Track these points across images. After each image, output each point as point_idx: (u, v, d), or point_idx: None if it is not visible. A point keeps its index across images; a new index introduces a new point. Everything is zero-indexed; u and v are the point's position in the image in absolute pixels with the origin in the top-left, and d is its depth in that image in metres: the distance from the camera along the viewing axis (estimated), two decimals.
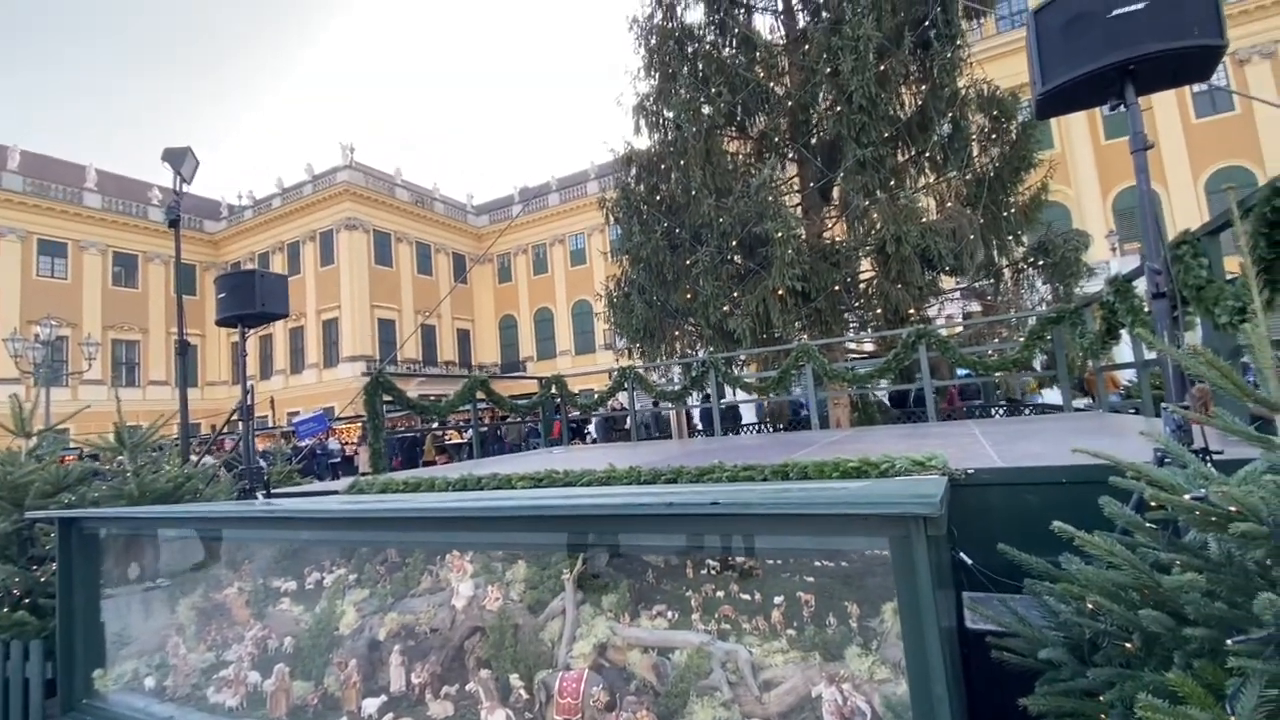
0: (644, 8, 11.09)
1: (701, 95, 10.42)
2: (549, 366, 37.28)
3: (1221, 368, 1.42)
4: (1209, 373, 1.44)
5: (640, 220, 10.20)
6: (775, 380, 7.37)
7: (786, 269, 7.83)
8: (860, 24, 8.35)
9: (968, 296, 11.12)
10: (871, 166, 8.33)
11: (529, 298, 39.47)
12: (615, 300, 10.99)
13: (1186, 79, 2.34)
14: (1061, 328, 6.12)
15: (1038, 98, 2.46)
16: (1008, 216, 9.30)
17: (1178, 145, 24.02)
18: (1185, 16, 2.14)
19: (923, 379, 6.60)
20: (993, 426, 5.28)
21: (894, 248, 7.72)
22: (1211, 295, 3.03)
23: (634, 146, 11.12)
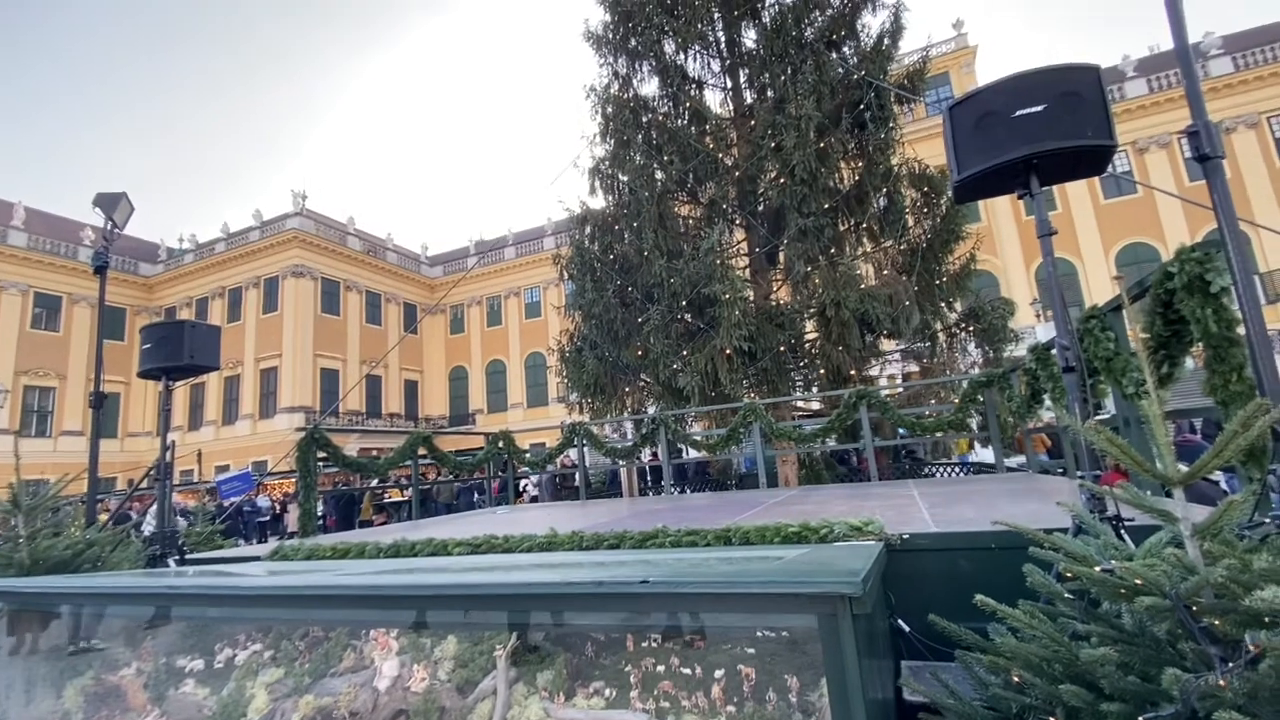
0: (601, 78, 11.62)
1: (655, 162, 10.86)
2: (500, 419, 36.56)
3: (1118, 444, 1.52)
4: (1108, 448, 1.54)
5: (594, 278, 10.35)
6: (724, 438, 7.43)
7: (734, 329, 8.04)
8: (802, 104, 8.95)
9: (906, 358, 11.63)
10: (813, 235, 8.77)
11: (482, 349, 39.03)
12: (567, 355, 11.00)
13: (1084, 173, 2.59)
14: (992, 390, 6.45)
15: (954, 184, 2.67)
16: (940, 284, 9.87)
17: (1090, 223, 26.31)
18: (1080, 119, 2.38)
19: (865, 439, 6.77)
20: (930, 487, 5.43)
21: (834, 312, 8.06)
22: (1119, 367, 3.26)
23: (589, 207, 11.42)
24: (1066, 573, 1.54)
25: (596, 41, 11.58)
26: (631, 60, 11.49)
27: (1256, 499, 2.07)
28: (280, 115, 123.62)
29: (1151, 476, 1.50)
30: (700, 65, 11.60)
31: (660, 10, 10.74)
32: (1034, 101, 2.38)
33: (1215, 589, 1.30)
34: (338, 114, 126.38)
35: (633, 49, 11.35)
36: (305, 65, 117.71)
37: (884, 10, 10.18)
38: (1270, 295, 23.60)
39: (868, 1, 10.36)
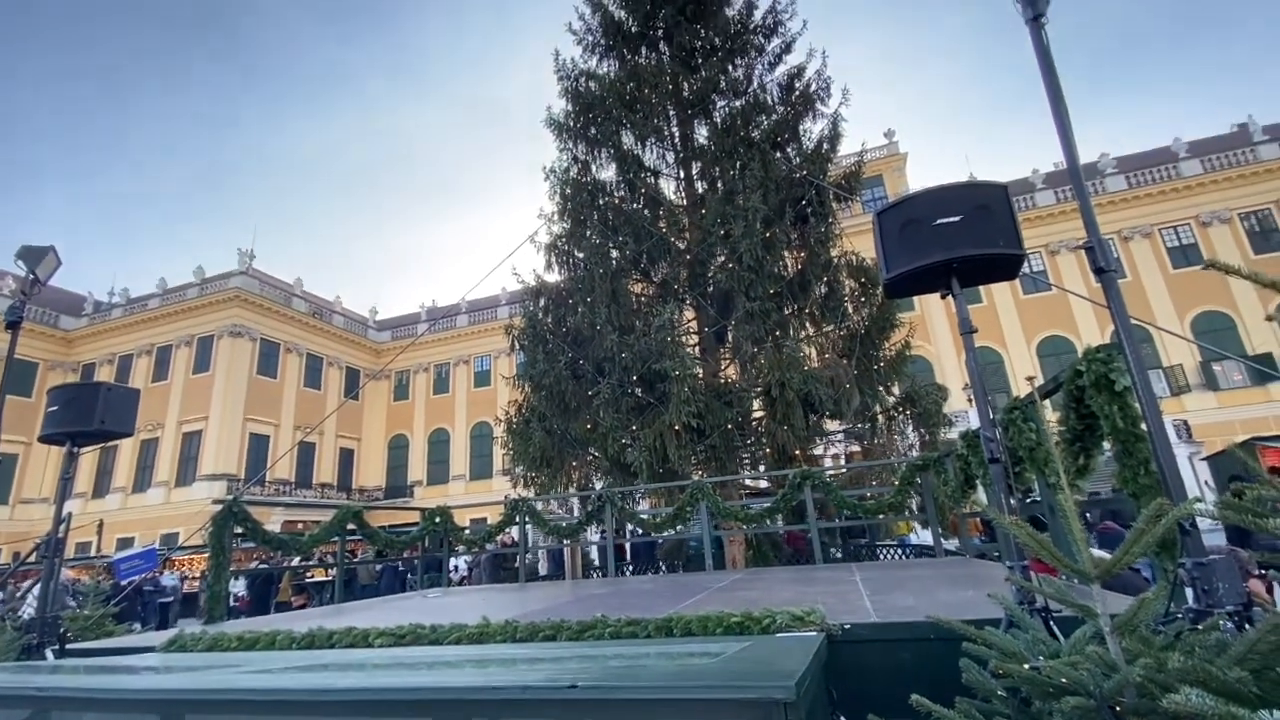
0: (561, 162, 12.11)
1: (610, 241, 11.23)
2: (440, 492, 35.04)
3: (1038, 539, 1.58)
4: (1028, 542, 1.59)
5: (546, 349, 10.36)
6: (671, 517, 7.32)
7: (683, 405, 8.12)
8: (749, 197, 9.54)
9: (849, 438, 11.93)
10: (759, 318, 9.11)
11: (426, 417, 37.86)
12: (515, 426, 10.79)
13: (999, 277, 2.82)
14: (929, 474, 6.65)
15: (884, 282, 2.86)
16: (878, 369, 10.33)
17: (1012, 316, 28.35)
18: (992, 230, 2.62)
19: (809, 521, 6.80)
20: (872, 571, 5.45)
21: (779, 392, 8.27)
22: (1041, 457, 3.43)
23: (545, 280, 11.60)
24: (999, 670, 1.54)
25: (558, 128, 12.15)
26: (591, 147, 12.07)
27: (1170, 591, 2.16)
28: (235, 171, 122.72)
29: (1070, 572, 1.56)
30: (656, 156, 12.29)
31: (619, 105, 11.43)
32: (952, 212, 2.62)
33: (1136, 688, 1.33)
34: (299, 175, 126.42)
35: (592, 137, 11.95)
36: (266, 124, 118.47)
37: (823, 119, 11.15)
38: (1174, 387, 25.69)
39: (809, 110, 11.34)
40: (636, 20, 12.38)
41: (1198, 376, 25.66)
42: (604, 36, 12.63)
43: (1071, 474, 3.17)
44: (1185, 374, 25.74)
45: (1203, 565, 1.94)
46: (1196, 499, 1.72)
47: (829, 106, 11.14)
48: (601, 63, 12.69)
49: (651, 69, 11.81)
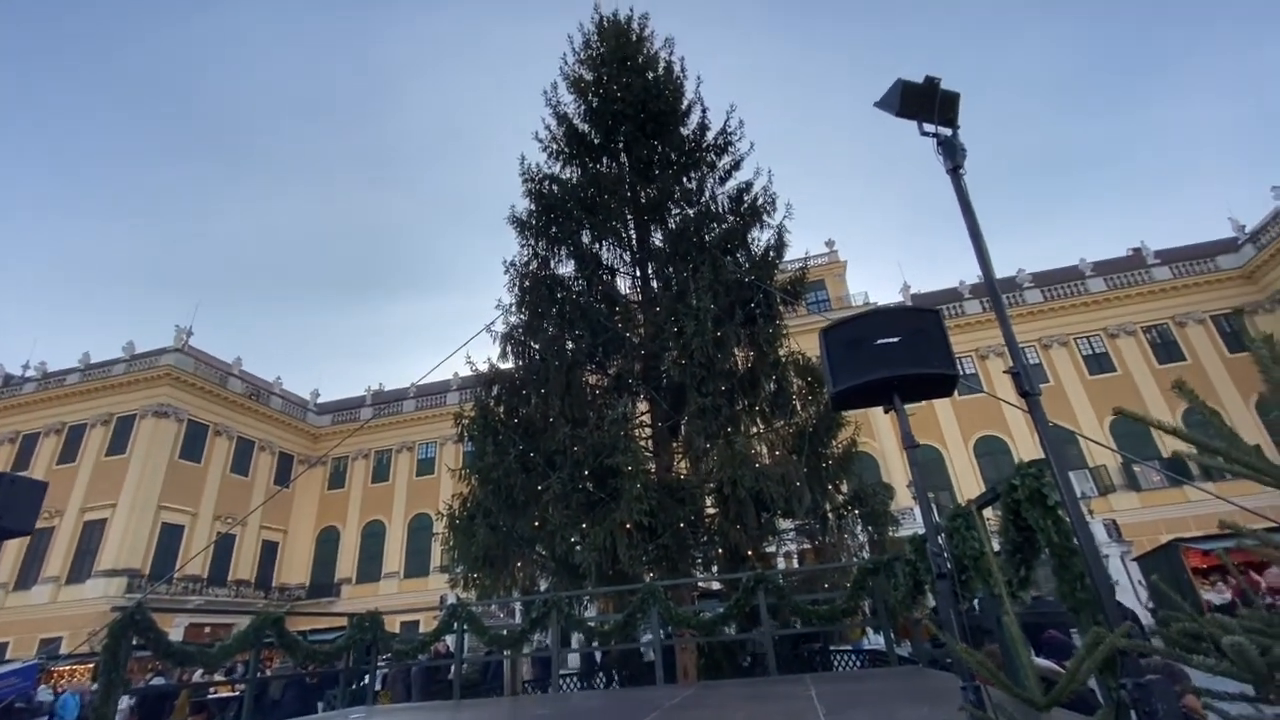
0: (522, 256, 12.46)
1: (566, 334, 11.39)
2: (370, 591, 32.57)
3: (988, 667, 1.59)
4: (978, 669, 1.61)
5: (496, 440, 10.13)
6: (620, 624, 6.97)
7: (635, 503, 7.97)
8: (701, 298, 9.96)
9: (801, 536, 11.87)
10: (710, 413, 9.25)
11: (361, 508, 35.74)
12: (458, 521, 10.29)
13: (935, 394, 3.00)
14: (879, 577, 6.63)
15: (831, 395, 2.99)
16: (826, 466, 10.50)
17: (950, 416, 29.66)
18: (927, 351, 2.82)
19: (764, 628, 6.59)
20: (828, 683, 5.27)
21: (730, 489, 8.26)
22: (985, 566, 3.50)
23: (499, 368, 11.54)
24: None
25: (520, 225, 12.59)
26: (551, 244, 12.50)
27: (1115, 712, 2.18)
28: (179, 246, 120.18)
29: (1018, 699, 1.57)
30: (613, 255, 12.81)
31: (580, 207, 12.01)
32: (891, 333, 2.82)
33: None
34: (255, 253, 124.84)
35: (553, 235, 12.41)
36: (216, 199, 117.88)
37: (769, 229, 11.97)
38: (1101, 487, 26.96)
39: (756, 220, 12.17)
40: (599, 133, 13.30)
41: (1121, 477, 27.08)
42: (567, 145, 13.46)
43: (1014, 585, 3.24)
44: (1110, 474, 27.14)
45: (1142, 686, 1.98)
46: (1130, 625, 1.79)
47: (774, 218, 12.00)
48: (564, 168, 13.43)
49: (611, 177, 12.55)
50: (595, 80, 13.64)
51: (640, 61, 13.56)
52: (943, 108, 2.88)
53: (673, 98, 13.20)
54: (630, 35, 14.12)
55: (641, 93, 12.73)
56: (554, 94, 13.84)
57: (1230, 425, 1.45)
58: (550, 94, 13.87)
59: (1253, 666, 1.12)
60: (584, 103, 13.65)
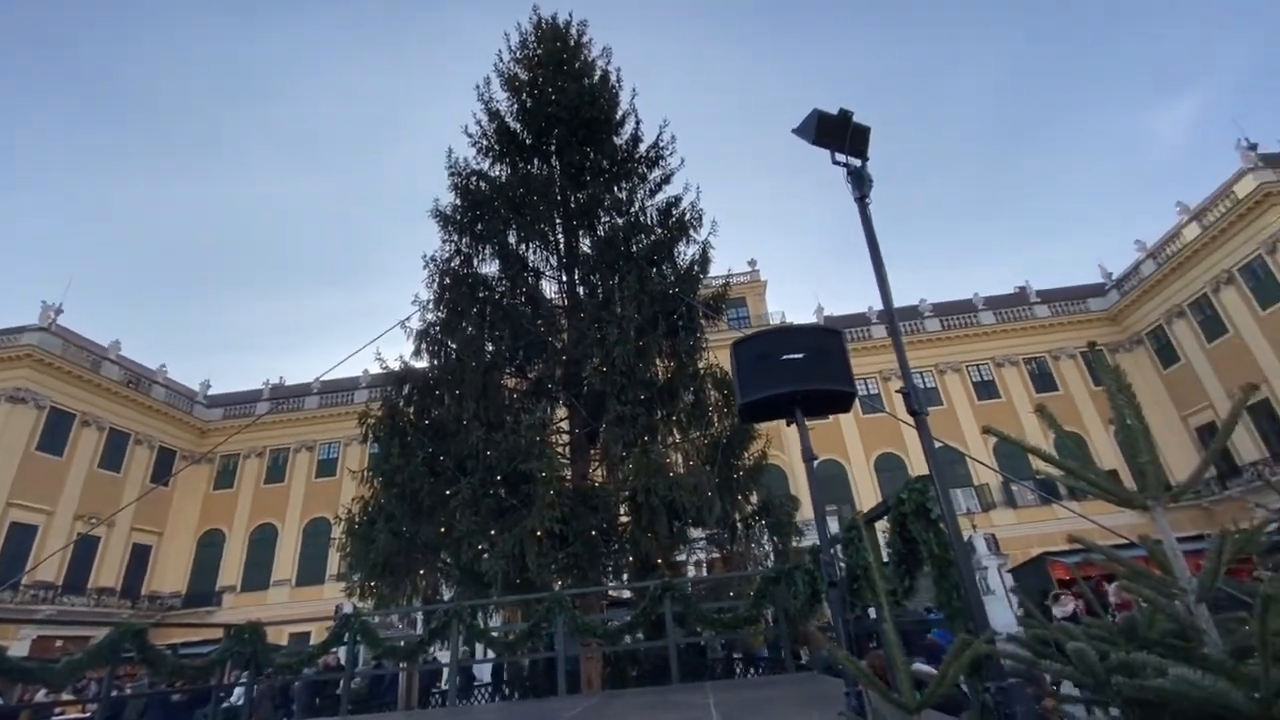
0: (444, 252, 12.06)
1: (486, 335, 11.12)
2: (256, 600, 30.23)
3: (863, 672, 1.66)
4: (856, 673, 1.68)
5: (403, 441, 9.69)
6: (524, 634, 6.81)
7: (547, 509, 7.85)
8: (625, 307, 10.02)
9: (711, 545, 12.11)
10: (628, 421, 9.29)
11: (251, 510, 33.13)
12: (357, 527, 9.75)
13: (835, 410, 3.14)
14: (780, 586, 6.86)
15: (738, 407, 3.07)
16: (737, 477, 10.79)
17: (854, 432, 31.30)
18: (829, 369, 2.95)
19: (669, 637, 6.64)
20: (727, 691, 5.37)
21: (644, 498, 8.31)
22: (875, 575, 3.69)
23: (412, 367, 11.07)
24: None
25: (444, 220, 12.20)
26: (476, 242, 12.19)
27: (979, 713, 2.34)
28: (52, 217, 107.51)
29: (893, 705, 1.65)
30: (540, 258, 12.66)
31: (508, 206, 11.79)
32: (797, 350, 2.92)
33: None
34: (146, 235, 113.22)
35: (478, 232, 12.11)
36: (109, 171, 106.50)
37: (695, 244, 12.24)
38: (984, 504, 29.28)
39: (683, 235, 12.41)
40: (531, 134, 13.14)
41: (1001, 494, 29.54)
42: (498, 142, 13.21)
43: (899, 593, 3.43)
44: (991, 492, 29.53)
45: (1003, 689, 2.14)
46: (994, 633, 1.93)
47: (700, 234, 12.29)
48: (494, 166, 13.17)
49: (542, 179, 12.43)
50: (530, 81, 13.50)
51: (577, 67, 13.55)
52: (854, 139, 3.04)
53: (607, 106, 13.26)
54: (568, 40, 14.09)
55: (576, 98, 12.71)
56: (487, 89, 13.58)
57: (1093, 450, 1.60)
58: (483, 89, 13.59)
59: (1092, 671, 1.23)
60: (517, 101, 13.47)
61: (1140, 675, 1.17)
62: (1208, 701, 1.02)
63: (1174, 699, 1.07)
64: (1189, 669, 1.01)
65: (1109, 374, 1.42)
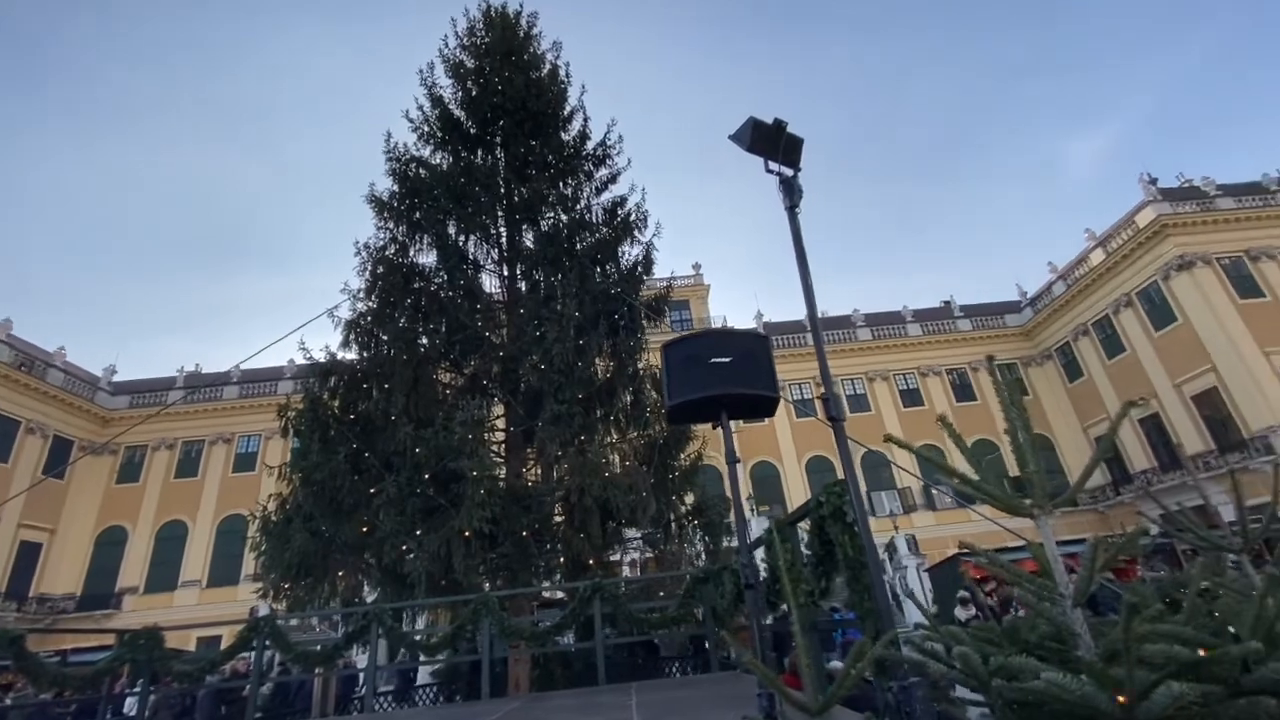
0: (378, 239, 11.57)
1: (420, 328, 10.75)
2: (162, 602, 28.28)
3: (768, 675, 1.68)
4: (760, 674, 1.69)
5: (325, 436, 9.23)
6: (447, 637, 6.61)
7: (477, 509, 7.65)
8: (566, 304, 9.90)
9: (645, 545, 12.15)
10: (565, 420, 9.19)
11: (158, 506, 30.93)
12: (272, 525, 9.22)
13: (760, 415, 3.19)
14: (708, 586, 6.94)
15: (666, 408, 3.07)
16: (673, 478, 10.86)
17: (788, 436, 32.21)
18: (755, 373, 2.98)
19: (596, 636, 6.60)
20: (652, 692, 5.39)
21: (577, 498, 8.23)
22: (794, 576, 3.77)
23: (339, 359, 10.57)
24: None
25: (380, 206, 11.70)
26: (413, 230, 11.75)
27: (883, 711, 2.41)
28: None
29: (797, 707, 1.67)
30: (480, 251, 12.35)
31: (449, 196, 11.44)
32: (725, 353, 2.95)
33: None
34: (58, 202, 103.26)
35: (416, 221, 11.68)
36: None
37: (639, 245, 12.23)
38: (906, 506, 30.69)
39: (628, 235, 12.38)
40: (475, 123, 12.81)
41: (922, 497, 31.06)
42: (441, 129, 12.80)
43: (817, 593, 3.51)
44: (914, 495, 31.01)
45: (904, 689, 2.22)
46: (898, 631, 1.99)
47: (645, 235, 12.29)
48: (436, 153, 12.75)
49: (485, 169, 12.13)
50: (477, 69, 13.15)
51: (526, 59, 13.30)
52: (787, 150, 3.09)
53: (556, 100, 13.09)
54: (518, 30, 13.82)
55: (524, 89, 12.48)
56: (431, 74, 13.12)
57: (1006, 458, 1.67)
58: (427, 74, 13.13)
59: (976, 673, 1.27)
60: (462, 89, 13.10)
61: (1020, 678, 1.22)
62: (1077, 705, 1.07)
63: (1047, 701, 1.11)
64: (1058, 672, 1.05)
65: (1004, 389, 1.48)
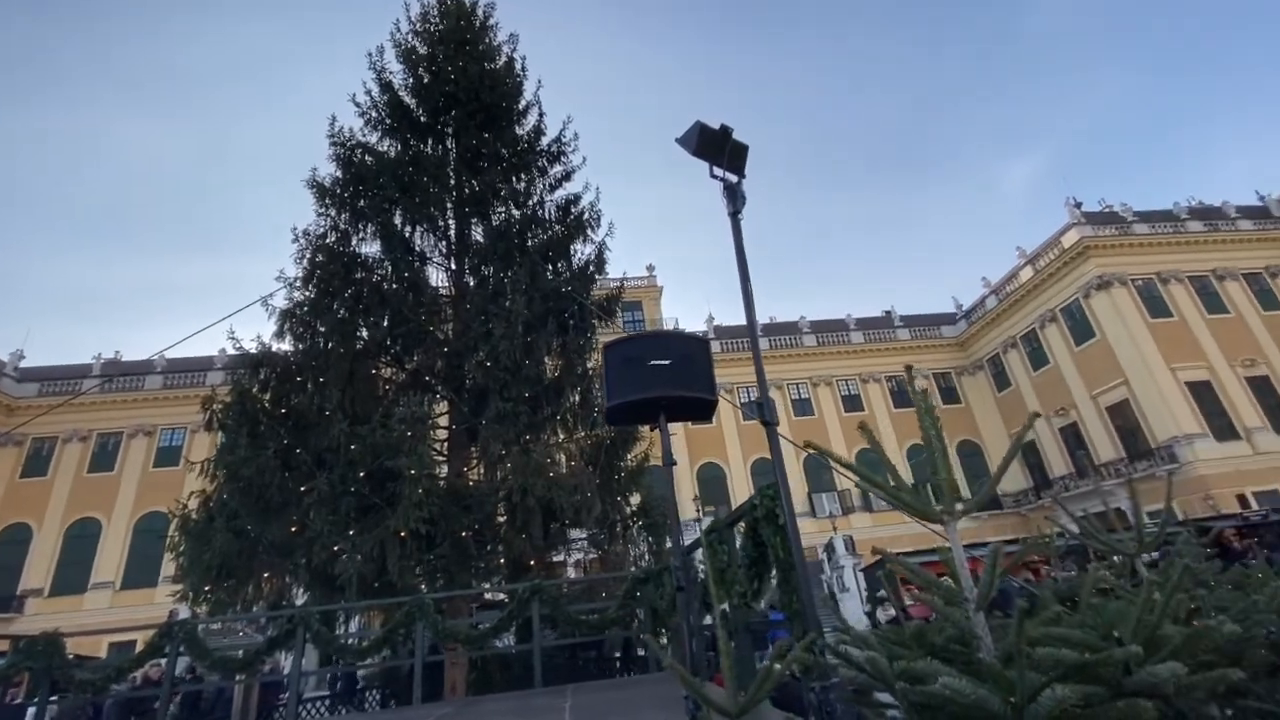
0: (318, 226, 11.10)
1: (361, 320, 10.37)
2: (70, 605, 26.40)
3: (690, 681, 1.68)
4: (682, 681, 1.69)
5: (254, 431, 8.78)
6: (379, 640, 6.39)
7: (414, 509, 7.42)
8: (515, 300, 9.74)
9: (591, 546, 12.08)
10: (510, 419, 9.04)
11: (69, 502, 28.82)
12: (193, 524, 8.71)
13: (698, 418, 3.21)
14: (649, 587, 6.96)
15: (605, 409, 3.04)
16: (619, 478, 10.85)
17: (735, 438, 32.72)
18: (694, 376, 2.99)
19: (534, 638, 6.52)
20: (588, 694, 5.35)
21: (519, 498, 8.11)
22: (729, 579, 3.81)
23: (272, 350, 10.07)
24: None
25: (321, 191, 11.23)
26: (356, 219, 11.33)
27: (811, 710, 2.46)
28: None
29: (715, 710, 1.67)
30: (428, 243, 12.01)
31: (395, 185, 11.08)
32: (665, 356, 2.94)
33: None
34: None
35: (360, 209, 11.26)
36: None
37: (592, 244, 12.16)
38: (845, 507, 31.65)
39: (581, 233, 12.29)
40: (426, 112, 12.46)
41: (860, 499, 32.11)
42: (390, 116, 12.39)
43: (750, 594, 3.56)
44: (852, 497, 32.02)
45: (825, 689, 2.26)
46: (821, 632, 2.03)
47: (598, 234, 12.22)
48: (383, 140, 12.33)
49: (435, 160, 11.82)
50: (429, 56, 12.80)
51: (481, 49, 13.03)
52: (732, 156, 3.12)
53: (511, 93, 12.87)
54: (473, 19, 13.53)
55: (478, 80, 12.22)
56: (380, 59, 12.68)
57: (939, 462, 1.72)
58: (376, 58, 12.68)
59: (883, 676, 1.30)
60: (414, 76, 12.72)
61: (925, 681, 1.25)
62: (973, 707, 1.10)
63: (946, 704, 1.15)
64: (955, 676, 1.09)
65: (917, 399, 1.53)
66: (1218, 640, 1.26)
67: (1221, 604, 2.15)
